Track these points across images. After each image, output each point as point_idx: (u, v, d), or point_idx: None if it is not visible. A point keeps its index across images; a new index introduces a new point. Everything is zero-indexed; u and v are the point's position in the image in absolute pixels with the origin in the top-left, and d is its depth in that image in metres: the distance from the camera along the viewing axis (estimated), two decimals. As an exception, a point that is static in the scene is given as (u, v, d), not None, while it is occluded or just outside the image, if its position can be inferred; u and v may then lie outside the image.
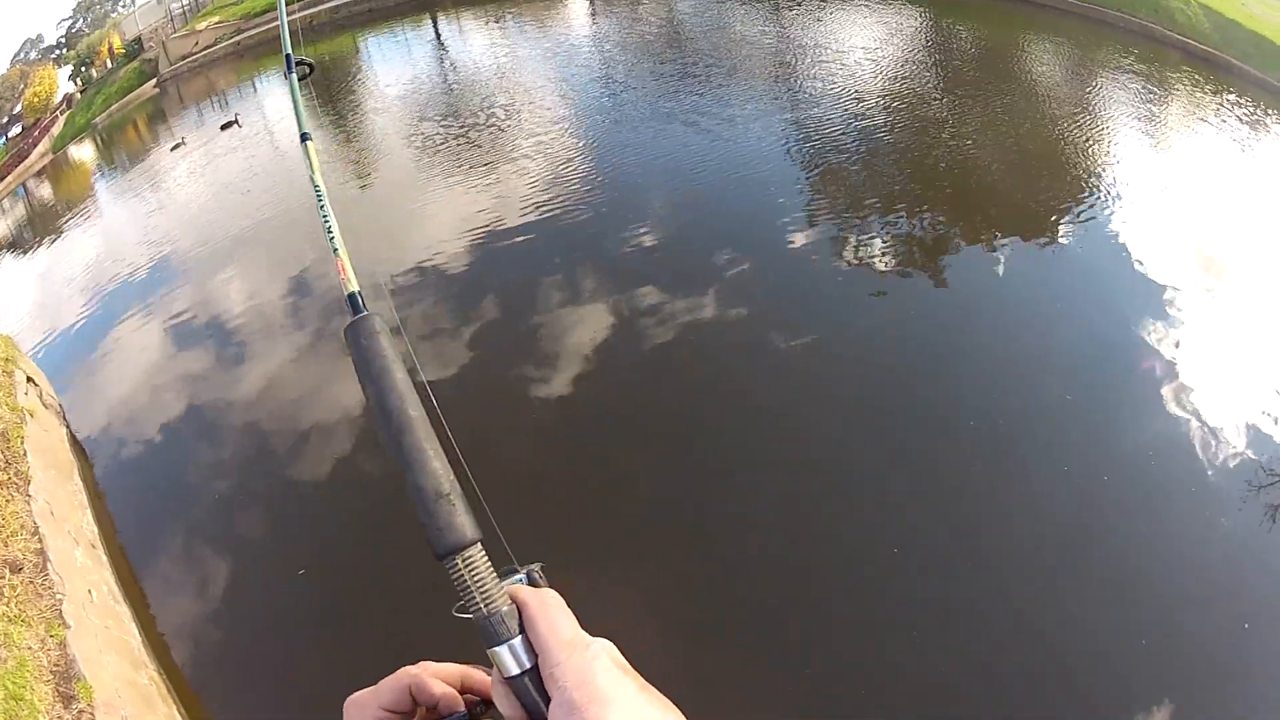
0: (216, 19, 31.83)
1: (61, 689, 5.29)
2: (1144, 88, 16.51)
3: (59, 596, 5.97)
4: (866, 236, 10.43)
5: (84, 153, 22.13)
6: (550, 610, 0.78)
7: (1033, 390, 7.94)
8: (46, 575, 6.14)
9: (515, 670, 0.76)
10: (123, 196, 16.59)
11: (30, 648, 5.45)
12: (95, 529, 7.03)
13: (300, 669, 5.74)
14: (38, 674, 5.30)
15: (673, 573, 6.28)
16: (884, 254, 10.06)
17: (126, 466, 7.90)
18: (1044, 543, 6.48)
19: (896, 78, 16.16)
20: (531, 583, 0.85)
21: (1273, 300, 9.62)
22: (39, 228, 16.67)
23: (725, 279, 9.47)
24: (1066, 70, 17.78)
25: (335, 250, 1.06)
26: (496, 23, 24.17)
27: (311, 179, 1.21)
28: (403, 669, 0.84)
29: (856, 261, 9.95)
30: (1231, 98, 16.32)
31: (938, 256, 10.13)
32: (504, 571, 0.85)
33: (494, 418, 7.86)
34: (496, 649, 0.77)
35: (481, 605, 0.78)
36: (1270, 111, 15.89)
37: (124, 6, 33.32)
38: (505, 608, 0.78)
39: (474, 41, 23.21)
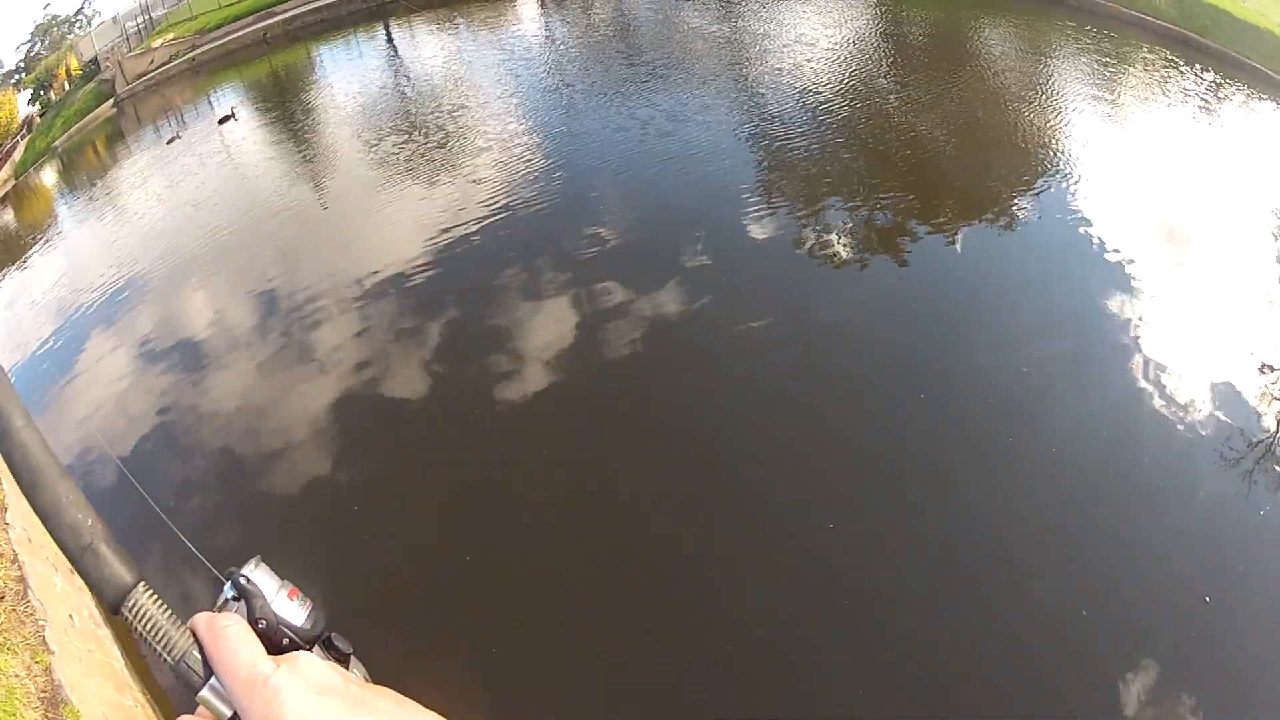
0: (171, 36, 31.32)
1: (50, 715, 5.26)
2: (1099, 65, 16.74)
3: (41, 623, 5.94)
4: (825, 224, 10.54)
5: (46, 177, 21.74)
6: (221, 644, 0.71)
7: (990, 367, 8.09)
8: (28, 602, 6.10)
9: (227, 713, 0.71)
10: (85, 219, 16.33)
11: (17, 675, 5.42)
12: (73, 554, 6.97)
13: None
14: (26, 701, 5.27)
15: (660, 584, 6.35)
16: (844, 241, 10.18)
17: (101, 489, 7.79)
18: (1001, 518, 6.58)
19: (851, 66, 16.24)
20: (239, 591, 0.79)
21: (1233, 270, 9.79)
22: (3, 256, 16.43)
23: (685, 275, 9.53)
24: (1021, 51, 17.93)
25: None
26: (449, 28, 24.01)
27: None
28: None
29: (816, 250, 10.06)
30: (1191, 72, 16.52)
31: (896, 241, 10.23)
32: (226, 574, 0.81)
33: (472, 421, 7.91)
34: (203, 693, 0.71)
35: (164, 655, 0.72)
36: (1231, 83, 16.13)
37: (80, 28, 32.80)
38: (189, 648, 0.73)
39: (427, 48, 22.98)
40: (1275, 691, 5.49)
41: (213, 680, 0.71)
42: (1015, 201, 10.89)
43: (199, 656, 0.72)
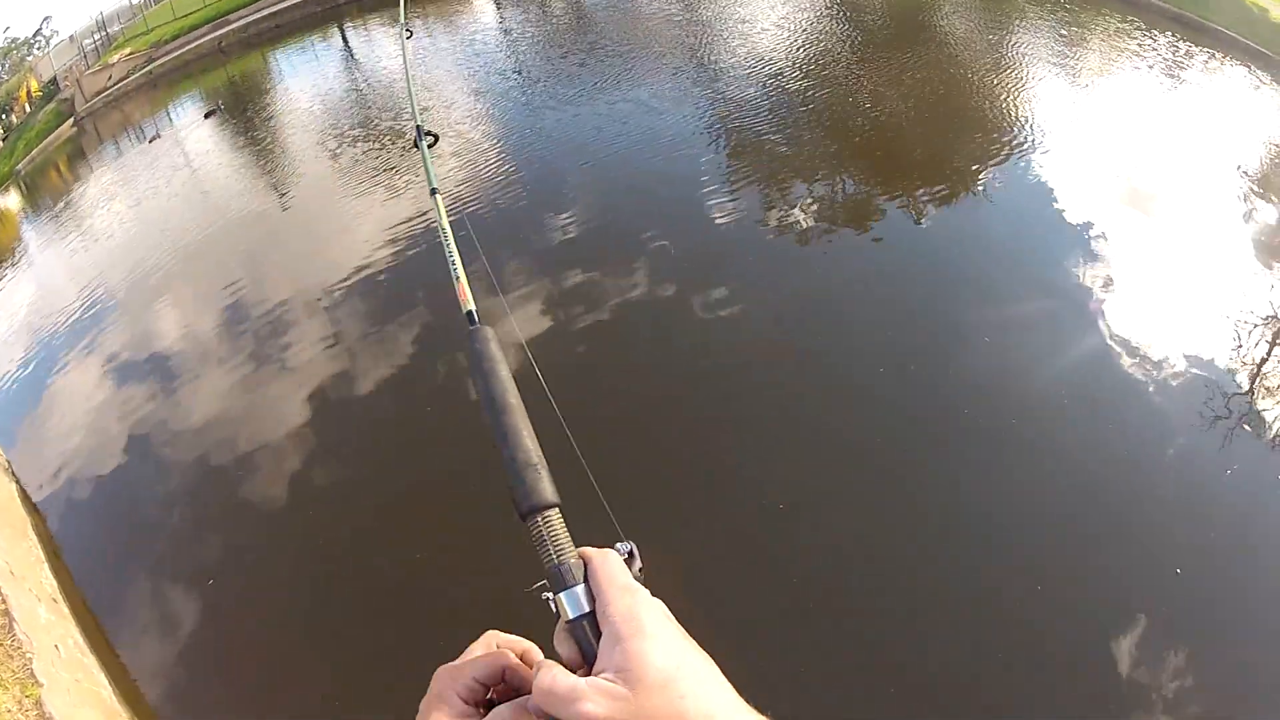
0: (128, 50, 30.91)
1: (43, 748, 5.19)
2: (1059, 30, 16.61)
3: (29, 656, 5.81)
4: (791, 203, 10.38)
5: (9, 201, 21.26)
6: (610, 561, 0.86)
7: (956, 338, 7.91)
8: (14, 635, 5.98)
9: (574, 613, 0.83)
10: (51, 242, 15.99)
11: (9, 710, 5.32)
12: (55, 583, 6.81)
13: (277, 703, 5.65)
14: (19, 735, 5.19)
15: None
16: (810, 217, 10.01)
17: (80, 517, 7.65)
18: (948, 494, 6.36)
19: (808, 44, 16.07)
20: (630, 554, 0.92)
21: (1203, 231, 9.67)
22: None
23: (653, 263, 9.34)
24: (980, 19, 17.73)
25: (456, 278, 1.26)
26: (403, 25, 23.69)
27: (440, 225, 1.48)
28: (494, 647, 0.92)
29: (784, 227, 9.89)
30: (1149, 35, 16.41)
31: (863, 215, 10.12)
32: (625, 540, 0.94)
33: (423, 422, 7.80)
34: (562, 594, 0.85)
35: (554, 555, 0.87)
36: (1188, 45, 16.08)
37: (39, 49, 32.36)
38: (573, 560, 0.87)
39: (383, 48, 22.70)
40: (1256, 667, 5.23)
41: (578, 588, 0.84)
42: (981, 173, 10.69)
43: (581, 568, 0.86)
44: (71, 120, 25.73)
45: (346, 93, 19.23)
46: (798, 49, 15.89)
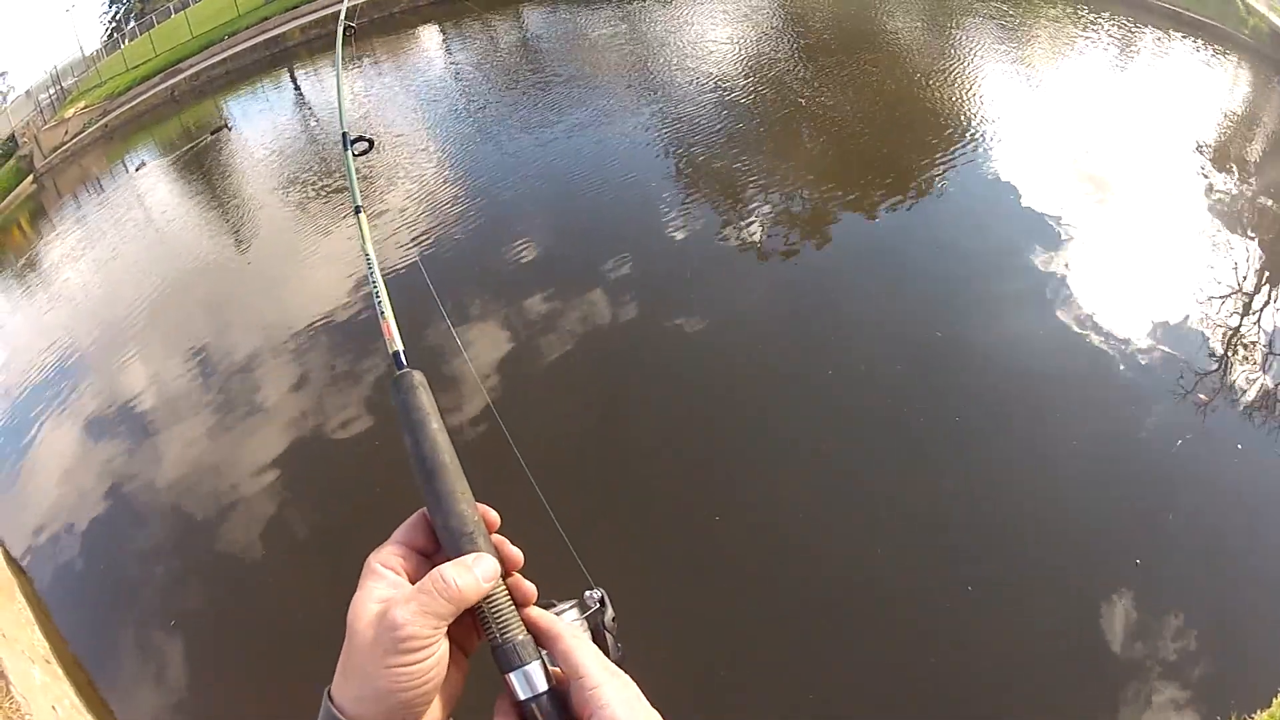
0: (83, 104, 30.48)
1: (46, 807, 5.15)
2: (1005, 23, 16.63)
3: (28, 717, 5.77)
4: (749, 216, 10.29)
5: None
6: (585, 640, 0.82)
7: (920, 336, 7.77)
8: (11, 698, 5.91)
9: (526, 694, 0.78)
10: (18, 301, 15.73)
11: (13, 773, 5.30)
12: (46, 644, 6.72)
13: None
14: (24, 797, 5.15)
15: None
16: (769, 230, 9.94)
17: (66, 576, 7.51)
18: (911, 490, 6.25)
19: (756, 58, 16.04)
20: (602, 602, 0.91)
21: (1163, 209, 9.59)
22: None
23: (615, 280, 9.33)
24: (925, 20, 17.63)
25: (382, 314, 1.06)
26: (353, 65, 23.53)
27: (363, 249, 1.25)
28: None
29: (743, 241, 9.80)
30: (1098, 19, 16.36)
31: (820, 224, 10.01)
32: (594, 587, 0.93)
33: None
34: (511, 674, 0.79)
35: (497, 634, 0.81)
36: (1140, 27, 16.09)
37: (-3, 105, 31.87)
38: (521, 637, 0.81)
39: (333, 91, 22.28)
40: (1229, 659, 5.01)
41: (530, 666, 0.79)
42: (935, 171, 10.57)
43: (530, 644, 0.81)
44: (31, 177, 25.28)
45: (299, 135, 19.06)
46: (745, 64, 15.87)
